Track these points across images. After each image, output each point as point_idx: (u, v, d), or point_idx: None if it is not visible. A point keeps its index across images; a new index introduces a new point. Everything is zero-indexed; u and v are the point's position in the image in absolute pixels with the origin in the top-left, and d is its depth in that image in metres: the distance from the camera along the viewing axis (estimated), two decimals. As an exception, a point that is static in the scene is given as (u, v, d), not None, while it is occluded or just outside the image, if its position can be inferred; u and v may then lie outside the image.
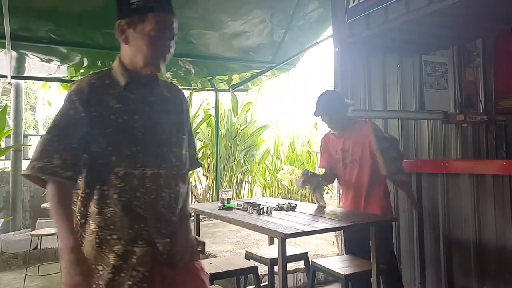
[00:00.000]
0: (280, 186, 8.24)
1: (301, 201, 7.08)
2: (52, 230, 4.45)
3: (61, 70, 5.23)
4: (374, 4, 3.06)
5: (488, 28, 3.52)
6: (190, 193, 2.73)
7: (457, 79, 3.95)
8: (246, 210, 2.85)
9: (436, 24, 3.12)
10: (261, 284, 3.05)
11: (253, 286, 2.94)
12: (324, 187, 3.12)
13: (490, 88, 3.95)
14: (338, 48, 3.52)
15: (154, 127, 1.43)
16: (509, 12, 2.99)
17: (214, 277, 2.63)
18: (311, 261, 2.87)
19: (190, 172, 1.70)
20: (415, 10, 2.78)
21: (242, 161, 7.68)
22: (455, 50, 3.95)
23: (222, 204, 3.05)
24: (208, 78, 6.17)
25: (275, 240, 3.02)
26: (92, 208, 1.36)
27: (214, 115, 6.93)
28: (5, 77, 5.05)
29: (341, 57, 3.51)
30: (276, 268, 2.60)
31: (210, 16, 4.57)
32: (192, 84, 6.43)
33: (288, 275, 3.31)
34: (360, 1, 3.22)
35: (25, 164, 5.72)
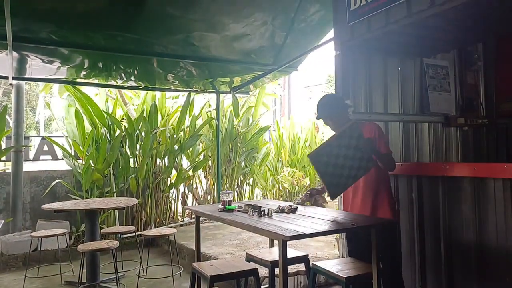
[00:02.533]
0: (281, 188, 8.24)
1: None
2: (52, 231, 4.45)
3: (62, 71, 5.25)
4: (376, 7, 3.07)
5: (489, 31, 3.52)
6: None
7: (458, 82, 3.95)
8: (247, 212, 2.85)
9: (437, 27, 3.13)
10: (262, 287, 3.05)
11: (254, 288, 2.93)
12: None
13: (491, 91, 3.95)
14: (339, 50, 3.52)
15: None
16: (510, 16, 2.99)
17: (215, 279, 2.64)
18: (312, 263, 2.86)
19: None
20: (416, 13, 2.78)
21: (243, 163, 7.67)
22: (456, 53, 3.96)
23: (223, 206, 3.05)
24: (210, 80, 6.17)
25: (276, 242, 3.02)
26: None
27: (216, 117, 6.94)
28: (7, 78, 5.04)
29: (342, 59, 3.51)
30: (277, 270, 2.60)
31: (212, 19, 4.58)
32: (194, 86, 6.44)
33: (288, 278, 3.30)
34: (361, 4, 3.22)
35: (25, 165, 5.75)
